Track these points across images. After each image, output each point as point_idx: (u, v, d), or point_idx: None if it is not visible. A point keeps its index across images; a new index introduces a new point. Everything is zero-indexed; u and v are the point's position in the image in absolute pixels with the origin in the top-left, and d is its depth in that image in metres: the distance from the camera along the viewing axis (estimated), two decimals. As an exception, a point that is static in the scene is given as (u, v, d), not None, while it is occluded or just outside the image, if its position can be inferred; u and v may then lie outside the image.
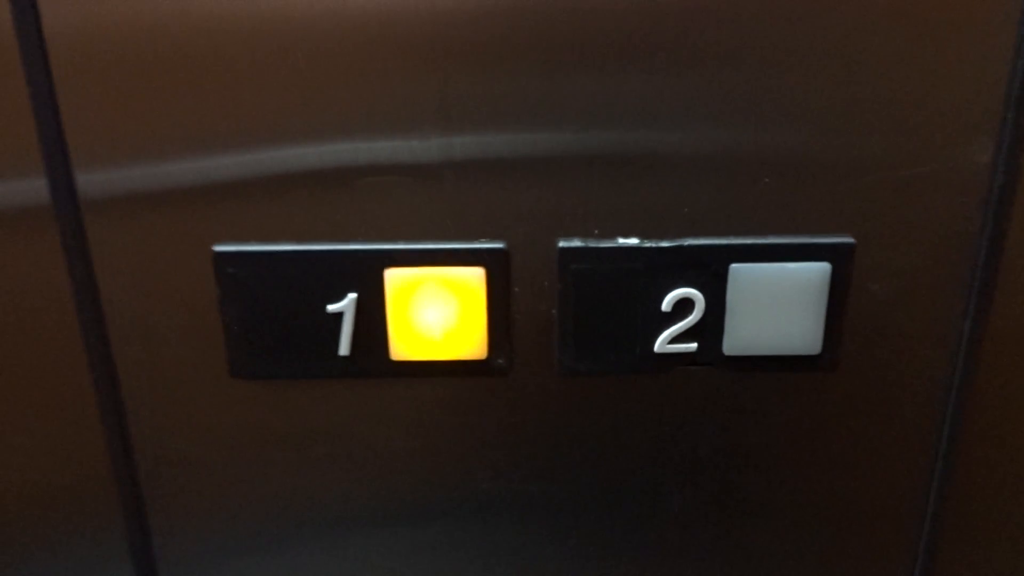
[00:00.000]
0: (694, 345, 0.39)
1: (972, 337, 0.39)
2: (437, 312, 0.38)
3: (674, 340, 0.39)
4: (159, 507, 0.42)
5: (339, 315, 0.38)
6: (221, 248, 0.37)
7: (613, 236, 0.37)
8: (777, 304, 0.38)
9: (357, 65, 0.35)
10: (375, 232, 0.37)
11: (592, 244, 0.37)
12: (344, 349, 0.38)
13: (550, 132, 0.36)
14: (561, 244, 0.37)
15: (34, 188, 0.36)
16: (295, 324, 0.38)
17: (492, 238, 0.37)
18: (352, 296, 0.38)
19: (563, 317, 0.39)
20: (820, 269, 0.38)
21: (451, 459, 0.41)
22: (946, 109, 0.36)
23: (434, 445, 0.41)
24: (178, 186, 0.36)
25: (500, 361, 0.39)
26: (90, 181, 0.37)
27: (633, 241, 0.37)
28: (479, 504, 0.42)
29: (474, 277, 0.38)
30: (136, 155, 0.36)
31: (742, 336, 0.39)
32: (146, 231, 0.37)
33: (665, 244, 0.37)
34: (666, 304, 0.38)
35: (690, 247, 0.37)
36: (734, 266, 0.38)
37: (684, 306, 0.38)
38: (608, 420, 0.41)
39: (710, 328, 0.39)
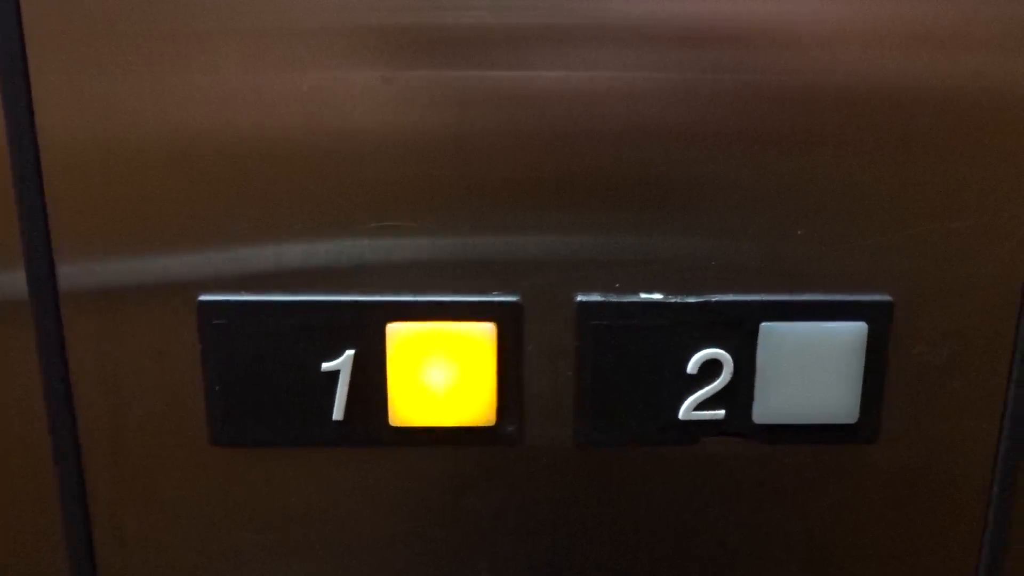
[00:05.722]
0: (722, 412, 0.37)
1: None
2: (442, 372, 0.36)
3: (700, 406, 0.37)
4: (118, 593, 0.39)
5: (334, 374, 0.36)
6: (206, 298, 0.36)
7: (635, 291, 0.36)
8: (810, 367, 0.37)
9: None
10: (376, 282, 0.36)
11: (613, 299, 0.36)
12: (338, 413, 0.36)
13: (569, 176, 0.35)
14: (579, 298, 0.36)
15: None
16: (284, 384, 0.36)
17: (504, 290, 0.36)
18: (349, 353, 0.36)
19: (580, 379, 0.37)
20: (856, 329, 0.36)
21: (447, 544, 0.39)
22: (993, 156, 0.35)
23: (428, 528, 0.39)
24: (162, 235, 0.35)
25: (509, 429, 0.37)
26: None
27: (657, 296, 0.36)
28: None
29: (484, 333, 0.36)
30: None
31: (773, 402, 0.37)
32: (120, 274, 0.35)
33: (691, 300, 0.36)
34: (692, 366, 0.36)
35: (718, 303, 0.36)
36: (765, 325, 0.36)
37: (711, 368, 0.37)
38: (628, 498, 0.39)
39: (739, 393, 0.37)
